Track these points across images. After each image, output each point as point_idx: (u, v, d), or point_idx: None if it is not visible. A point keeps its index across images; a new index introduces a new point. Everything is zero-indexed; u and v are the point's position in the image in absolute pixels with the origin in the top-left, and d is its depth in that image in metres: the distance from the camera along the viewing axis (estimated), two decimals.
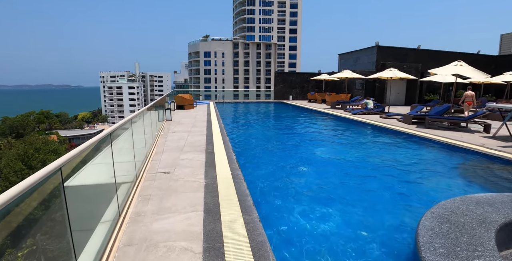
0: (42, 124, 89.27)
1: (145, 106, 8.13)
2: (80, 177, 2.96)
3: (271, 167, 7.66)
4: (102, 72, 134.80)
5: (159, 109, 12.12)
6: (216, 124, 12.45)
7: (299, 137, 12.87)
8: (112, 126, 3.94)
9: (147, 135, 7.06)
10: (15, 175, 34.10)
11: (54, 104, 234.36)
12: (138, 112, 6.54)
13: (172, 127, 11.64)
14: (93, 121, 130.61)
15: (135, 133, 5.37)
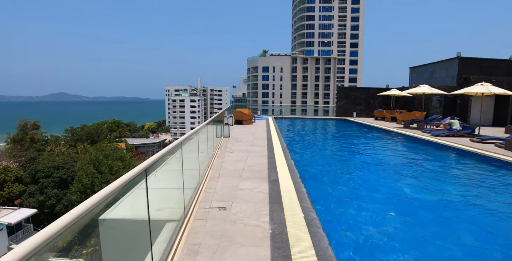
0: (113, 132, 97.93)
1: (205, 121, 7.36)
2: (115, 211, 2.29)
3: (350, 210, 6.12)
4: (167, 86, 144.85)
5: (217, 124, 11.45)
6: (278, 144, 11.33)
7: (374, 162, 11.04)
8: (165, 149, 3.10)
9: (202, 153, 6.17)
10: (87, 177, 36.88)
11: (125, 114, 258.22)
12: (199, 127, 5.74)
13: (230, 145, 10.83)
14: (158, 131, 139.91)
15: (189, 151, 4.46)
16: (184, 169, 4.13)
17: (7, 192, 37.57)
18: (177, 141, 3.92)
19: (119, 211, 2.47)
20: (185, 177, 4.17)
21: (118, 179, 2.12)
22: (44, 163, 40.77)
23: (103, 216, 2.22)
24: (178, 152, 4.06)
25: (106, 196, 1.88)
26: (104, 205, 2.02)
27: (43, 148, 56.88)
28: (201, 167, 6.06)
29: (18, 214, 31.87)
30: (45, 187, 38.33)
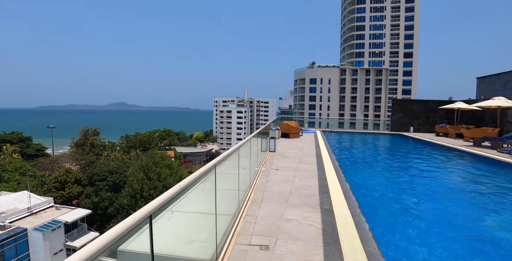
0: (164, 140, 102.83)
1: (250, 135, 6.68)
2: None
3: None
4: (216, 97, 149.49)
5: (263, 137, 10.73)
6: (328, 161, 10.33)
7: (444, 189, 9.42)
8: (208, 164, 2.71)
9: (244, 169, 5.44)
10: (137, 183, 38.49)
11: (176, 123, 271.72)
12: (245, 141, 5.07)
13: (276, 161, 10.04)
14: (205, 140, 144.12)
15: (228, 167, 3.77)
16: (219, 188, 3.41)
17: (67, 192, 40.50)
18: (211, 163, 3.29)
19: (140, 241, 2.04)
20: (221, 199, 3.45)
21: (143, 209, 1.88)
22: (100, 167, 43.49)
23: (123, 247, 1.84)
24: (211, 173, 3.36)
25: (131, 226, 1.71)
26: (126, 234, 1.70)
27: (100, 153, 61.13)
28: (242, 187, 5.32)
29: (75, 214, 33.90)
30: (99, 190, 40.70)
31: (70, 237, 32.71)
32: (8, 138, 62.00)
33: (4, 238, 26.91)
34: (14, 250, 27.67)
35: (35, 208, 33.80)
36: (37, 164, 54.96)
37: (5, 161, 49.92)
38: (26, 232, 28.86)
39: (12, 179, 43.36)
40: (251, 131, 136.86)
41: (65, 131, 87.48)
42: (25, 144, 64.15)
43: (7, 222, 29.57)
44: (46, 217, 32.37)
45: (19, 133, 65.82)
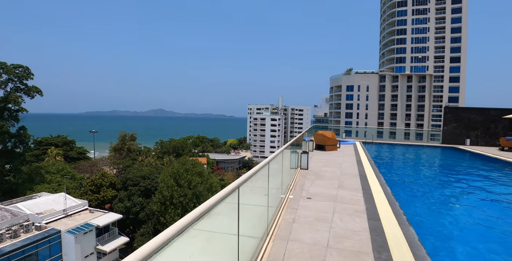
0: (197, 147, 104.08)
1: (280, 148, 5.22)
2: None
3: None
4: (250, 104, 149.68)
5: (294, 150, 9.09)
6: (377, 187, 8.08)
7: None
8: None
9: (265, 196, 3.94)
10: (167, 190, 38.29)
11: (211, 130, 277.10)
12: (273, 157, 3.65)
13: (308, 183, 8.22)
14: (239, 147, 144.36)
15: (247, 193, 2.95)
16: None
17: (102, 196, 41.30)
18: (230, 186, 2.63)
19: None
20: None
21: None
22: (133, 172, 44.06)
23: None
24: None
25: None
26: None
27: (136, 158, 62.64)
28: (256, 232, 3.76)
29: (107, 218, 34.19)
30: (132, 195, 41.05)
31: (101, 241, 32.94)
32: (54, 142, 65.67)
33: (39, 239, 27.47)
34: (47, 251, 28.16)
35: (70, 210, 34.56)
36: (78, 166, 57.35)
37: (48, 163, 52.55)
38: (59, 234, 29.36)
39: (53, 181, 45.22)
40: (285, 139, 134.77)
41: (106, 135, 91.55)
42: (68, 147, 67.60)
43: (44, 223, 30.33)
44: (79, 219, 32.91)
45: (64, 136, 69.60)
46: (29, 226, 28.83)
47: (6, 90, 40.12)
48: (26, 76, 40.88)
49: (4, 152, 42.00)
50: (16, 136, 42.55)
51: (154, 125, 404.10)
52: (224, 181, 59.21)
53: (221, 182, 56.20)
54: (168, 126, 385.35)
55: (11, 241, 26.30)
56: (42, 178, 44.60)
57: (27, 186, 42.60)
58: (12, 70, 39.36)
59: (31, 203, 34.27)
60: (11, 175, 43.76)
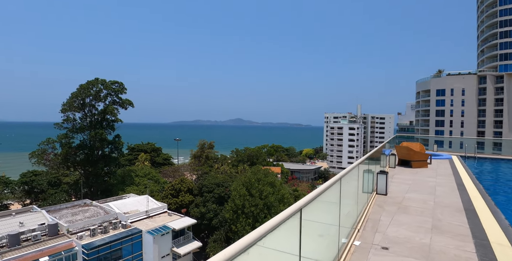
0: (272, 156, 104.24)
1: (351, 165, 3.78)
2: None
3: None
4: (326, 113, 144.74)
5: (370, 165, 7.15)
6: (497, 232, 5.25)
7: None
8: None
9: (319, 238, 2.63)
10: (239, 198, 38.42)
11: (286, 139, 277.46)
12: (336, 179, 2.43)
13: (385, 219, 5.86)
14: (314, 157, 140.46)
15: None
16: None
17: (180, 200, 43.59)
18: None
19: None
20: None
21: None
22: (208, 179, 45.60)
23: None
24: None
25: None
26: None
27: (213, 165, 65.35)
28: None
29: (182, 222, 35.72)
30: (207, 201, 42.36)
31: (177, 244, 34.45)
32: (144, 148, 73.12)
33: (124, 236, 29.92)
34: (130, 248, 30.47)
35: (151, 212, 37.19)
36: (162, 171, 62.44)
37: (138, 167, 58.38)
38: (141, 233, 31.61)
39: (141, 183, 49.79)
40: (364, 149, 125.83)
41: (189, 143, 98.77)
42: (156, 154, 74.46)
43: (129, 222, 33.13)
44: (159, 221, 35.07)
45: (152, 144, 77.04)
46: (117, 224, 31.74)
47: (105, 103, 46.04)
48: (120, 90, 46.35)
49: (103, 156, 48.02)
50: (112, 143, 48.30)
51: (231, 134, 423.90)
52: (298, 192, 57.32)
53: (294, 193, 54.49)
54: (245, 135, 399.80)
55: (101, 236, 29.17)
56: (132, 180, 49.55)
57: (120, 187, 47.75)
58: (110, 86, 45.05)
59: (120, 203, 38.03)
60: (108, 176, 49.70)
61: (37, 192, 50.82)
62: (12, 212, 31.81)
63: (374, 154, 8.03)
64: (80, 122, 45.75)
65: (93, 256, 26.69)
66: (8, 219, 29.72)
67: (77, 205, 37.16)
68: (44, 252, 24.29)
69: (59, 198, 45.07)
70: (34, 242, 25.84)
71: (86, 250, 26.37)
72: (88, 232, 29.22)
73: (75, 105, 44.16)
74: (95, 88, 44.39)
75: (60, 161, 44.49)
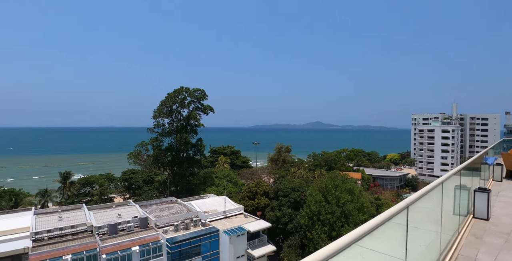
0: (351, 161, 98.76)
1: (439, 179, 2.95)
2: None
3: None
4: (414, 114, 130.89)
5: (467, 177, 5.62)
6: None
7: None
8: None
9: None
10: (315, 204, 37.14)
11: (368, 143, 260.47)
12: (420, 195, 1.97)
13: (486, 256, 4.09)
14: (400, 163, 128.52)
15: None
16: None
17: (256, 203, 44.31)
18: None
19: None
20: None
21: None
22: (284, 183, 45.32)
23: None
24: None
25: None
26: None
27: (289, 169, 64.97)
28: None
29: (257, 224, 36.15)
30: (282, 205, 42.12)
31: (251, 246, 34.97)
32: (224, 151, 77.03)
33: (203, 234, 31.63)
34: (208, 245, 32.03)
35: (228, 213, 38.60)
36: (241, 173, 64.67)
37: (218, 169, 61.65)
38: (218, 232, 33.00)
39: (220, 185, 52.34)
40: (462, 156, 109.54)
41: (267, 147, 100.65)
42: (235, 156, 77.69)
43: (208, 220, 34.95)
44: (235, 222, 36.16)
45: (232, 147, 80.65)
46: (197, 221, 33.78)
47: (189, 109, 49.98)
48: (202, 97, 49.76)
49: (187, 158, 52.08)
50: (195, 145, 52.06)
51: (309, 137, 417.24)
52: (381, 200, 52.85)
53: (376, 202, 50.39)
54: (323, 138, 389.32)
55: (183, 232, 31.36)
56: (212, 181, 52.48)
57: (201, 187, 51.04)
58: (193, 93, 48.73)
59: (201, 202, 40.49)
60: (192, 176, 53.69)
61: (135, 188, 57.97)
62: (113, 205, 36.69)
63: (473, 162, 6.46)
64: (168, 127, 50.55)
65: (175, 250, 28.81)
66: (110, 210, 34.37)
67: (165, 202, 40.83)
68: (136, 242, 27.17)
69: (151, 195, 50.53)
70: (128, 232, 29.20)
71: (170, 243, 28.60)
72: (172, 227, 31.73)
73: (164, 112, 49.07)
74: (180, 96, 48.59)
75: (152, 162, 49.78)
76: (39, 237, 26.06)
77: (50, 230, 26.82)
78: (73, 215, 31.33)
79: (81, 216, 31.22)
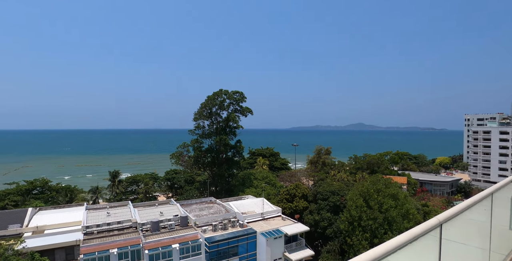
0: (396, 164, 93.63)
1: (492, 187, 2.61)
2: None
3: None
4: (467, 114, 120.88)
5: None
6: None
7: None
8: None
9: None
10: (356, 209, 35.73)
11: (415, 145, 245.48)
12: None
13: None
14: (451, 167, 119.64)
15: None
16: None
17: (294, 205, 43.74)
18: None
19: None
20: None
21: None
22: (324, 186, 44.23)
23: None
24: None
25: None
26: None
27: (329, 172, 63.36)
28: None
29: (295, 228, 35.66)
30: (321, 209, 41.13)
31: (289, 249, 34.54)
32: (263, 153, 77.27)
33: (241, 235, 31.89)
34: (245, 246, 32.21)
35: (266, 215, 38.54)
36: (279, 175, 64.37)
37: (257, 170, 61.94)
38: (255, 234, 33.06)
39: (258, 186, 52.51)
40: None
41: (306, 148, 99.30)
42: (274, 158, 77.57)
43: (245, 222, 35.18)
44: (272, 224, 36.01)
45: (271, 148, 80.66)
46: (235, 222, 34.15)
47: (228, 111, 50.95)
48: (241, 99, 50.48)
49: (226, 159, 53.04)
50: (234, 147, 52.87)
51: (351, 139, 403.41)
52: (429, 207, 49.41)
53: (423, 208, 47.19)
54: (366, 140, 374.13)
55: (221, 232, 31.87)
56: (250, 183, 52.84)
57: (240, 188, 51.60)
58: (232, 95, 49.59)
59: (239, 203, 40.90)
60: (231, 177, 54.55)
61: (177, 188, 60.27)
62: (155, 203, 38.42)
63: None
64: (208, 129, 51.93)
65: (214, 249, 29.34)
66: (152, 208, 36.03)
67: (204, 202, 41.87)
68: (176, 239, 28.14)
69: (192, 194, 52.16)
70: (169, 230, 30.35)
71: (208, 243, 29.21)
72: (211, 227, 32.40)
73: (204, 114, 50.53)
74: (220, 98, 49.71)
75: (193, 163, 51.43)
76: (89, 231, 28.11)
77: (99, 224, 28.81)
78: (120, 212, 33.33)
79: (127, 212, 33.09)
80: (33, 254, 21.98)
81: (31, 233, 28.23)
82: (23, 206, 39.85)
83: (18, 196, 43.99)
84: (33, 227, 28.97)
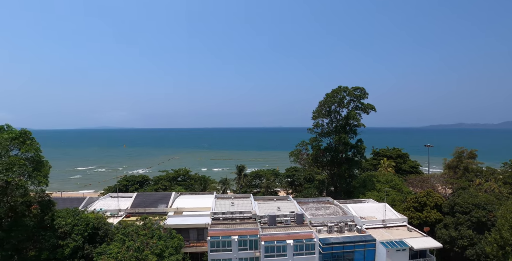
0: None
1: None
2: None
3: None
4: None
5: None
6: None
7: None
8: None
9: None
10: (509, 230, 28.83)
11: None
12: None
13: None
14: None
15: None
16: None
17: (424, 216, 38.57)
18: None
19: None
20: None
21: None
22: (465, 196, 37.35)
23: None
24: None
25: None
26: None
27: (473, 180, 52.84)
28: None
29: (424, 242, 31.60)
30: (460, 224, 35.02)
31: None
32: (388, 154, 70.67)
33: (358, 241, 30.43)
34: (362, 254, 30.51)
35: (388, 222, 35.39)
36: (408, 180, 57.62)
37: (380, 172, 57.20)
38: (375, 242, 30.83)
39: (381, 190, 48.52)
40: None
41: (443, 150, 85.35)
42: (401, 160, 69.93)
43: (364, 227, 33.21)
44: (396, 234, 32.76)
45: (398, 149, 73.03)
46: (352, 226, 32.70)
47: (348, 109, 48.83)
48: (362, 95, 47.55)
49: (346, 159, 51.13)
50: (354, 146, 50.41)
51: (507, 141, 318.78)
52: None
53: None
54: None
55: (336, 234, 31.11)
56: (372, 185, 49.36)
57: (360, 190, 48.88)
58: (352, 92, 47.25)
59: (358, 206, 38.87)
60: (351, 178, 52.33)
61: (296, 185, 61.96)
62: (274, 198, 40.58)
63: None
64: (327, 127, 51.16)
65: (327, 251, 28.93)
66: (271, 203, 38.25)
67: (321, 201, 41.63)
68: (291, 235, 29.11)
69: (310, 193, 52.63)
70: (285, 225, 31.62)
71: (322, 244, 29.00)
72: (326, 228, 32.02)
73: (323, 112, 50.02)
74: (339, 96, 48.18)
75: (311, 161, 51.73)
76: (216, 217, 32.25)
77: (224, 212, 32.67)
78: (242, 203, 36.84)
79: (248, 204, 36.24)
80: (171, 230, 26.94)
81: (173, 213, 34.60)
82: (169, 190, 48.96)
83: (167, 182, 54.51)
84: (175, 208, 35.54)
